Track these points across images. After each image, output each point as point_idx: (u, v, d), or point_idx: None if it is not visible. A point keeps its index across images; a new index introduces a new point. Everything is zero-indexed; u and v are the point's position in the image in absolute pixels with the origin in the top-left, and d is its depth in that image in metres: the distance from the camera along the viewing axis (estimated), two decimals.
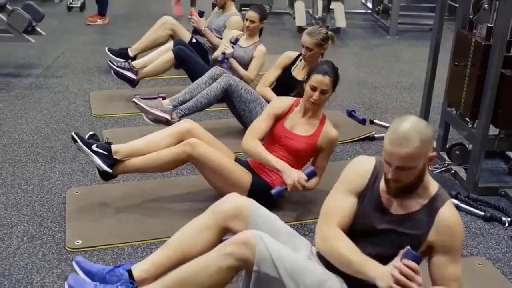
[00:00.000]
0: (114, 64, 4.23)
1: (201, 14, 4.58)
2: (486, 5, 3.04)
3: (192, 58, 4.22)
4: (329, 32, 3.50)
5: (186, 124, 2.85)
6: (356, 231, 1.89)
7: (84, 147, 2.69)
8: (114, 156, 2.71)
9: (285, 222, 2.11)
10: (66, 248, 2.51)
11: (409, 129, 1.71)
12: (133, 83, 4.28)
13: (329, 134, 2.78)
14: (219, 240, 1.99)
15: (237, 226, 1.98)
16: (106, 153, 2.70)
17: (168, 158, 2.71)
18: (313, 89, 2.69)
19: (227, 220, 2.00)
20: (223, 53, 4.03)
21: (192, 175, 3.19)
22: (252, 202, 2.05)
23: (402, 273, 1.66)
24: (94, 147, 2.69)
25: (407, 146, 1.69)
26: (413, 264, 1.68)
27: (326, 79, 2.68)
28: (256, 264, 1.77)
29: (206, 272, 1.81)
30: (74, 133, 2.72)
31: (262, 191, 2.69)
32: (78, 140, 2.69)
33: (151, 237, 2.60)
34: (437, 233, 1.83)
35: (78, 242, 2.54)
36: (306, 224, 2.76)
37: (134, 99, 3.50)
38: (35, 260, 2.42)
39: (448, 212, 1.84)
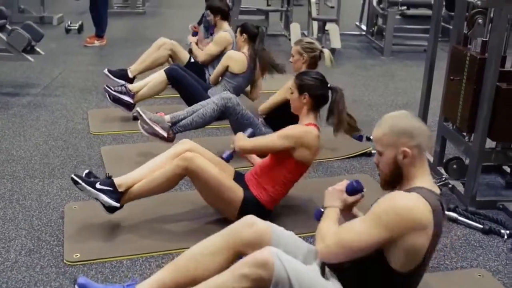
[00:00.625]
0: (111, 89, 4.21)
1: (195, 34, 4.83)
2: (480, 20, 3.10)
3: (185, 78, 4.20)
4: (323, 48, 3.55)
5: (185, 145, 2.84)
6: None
7: (88, 187, 2.64)
8: (119, 190, 2.69)
9: None
10: (65, 261, 2.49)
11: (388, 116, 1.89)
12: (129, 107, 4.27)
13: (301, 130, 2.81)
14: (232, 263, 1.94)
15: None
16: (111, 189, 2.67)
17: (166, 176, 2.69)
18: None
19: (245, 247, 1.95)
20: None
21: (190, 191, 3.19)
22: (271, 226, 2.02)
23: None
24: (98, 186, 2.65)
25: (378, 129, 1.88)
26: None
27: (292, 80, 2.85)
28: (273, 285, 1.74)
29: None
30: (74, 174, 2.67)
31: (253, 207, 2.71)
32: (80, 181, 2.64)
33: (150, 251, 2.59)
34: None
35: (76, 255, 2.53)
36: (305, 238, 2.75)
37: (137, 109, 3.47)
38: (33, 273, 2.40)
39: (396, 192, 1.81)
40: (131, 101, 4.24)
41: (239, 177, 2.90)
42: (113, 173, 2.78)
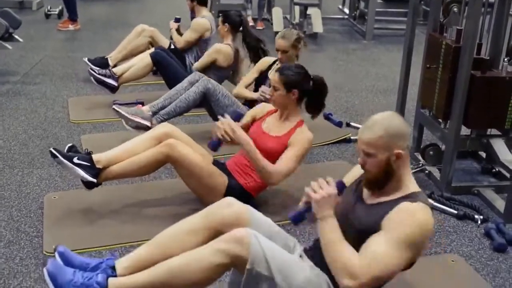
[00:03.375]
0: (95, 72, 4.23)
1: (177, 20, 4.70)
2: (455, 8, 3.13)
3: (170, 62, 4.25)
4: (300, 33, 3.56)
5: (164, 128, 2.88)
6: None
7: (65, 161, 2.66)
8: (97, 166, 2.71)
9: None
10: (44, 252, 2.51)
11: (379, 118, 1.83)
12: (113, 89, 4.29)
13: (301, 134, 2.81)
14: (208, 242, 1.94)
15: None
16: (89, 164, 2.69)
17: (147, 160, 2.73)
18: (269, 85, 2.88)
19: (224, 227, 1.96)
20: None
21: (170, 179, 3.21)
22: (249, 208, 2.04)
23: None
24: (75, 160, 2.67)
25: (371, 131, 1.81)
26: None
27: (276, 76, 2.79)
28: (249, 263, 1.77)
29: (197, 266, 1.81)
30: (53, 148, 2.69)
31: (237, 194, 2.70)
32: (58, 155, 2.66)
33: (130, 240, 2.61)
34: (388, 217, 1.78)
35: (56, 246, 2.54)
36: (284, 225, 2.78)
37: (114, 107, 3.51)
38: (12, 265, 2.42)
39: (410, 205, 1.77)
40: (115, 84, 4.26)
41: (219, 165, 2.92)
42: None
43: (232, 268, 1.90)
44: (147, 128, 3.44)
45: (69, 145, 2.83)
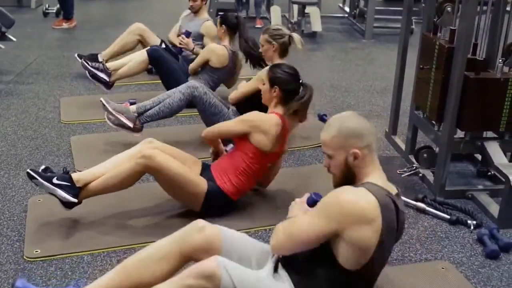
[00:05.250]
0: (88, 64, 4.19)
1: (187, 34, 4.39)
2: (449, 8, 3.05)
3: (166, 58, 4.20)
4: (287, 32, 3.49)
5: (148, 145, 2.79)
6: None
7: (45, 183, 2.59)
8: (77, 185, 2.64)
9: (248, 229, 2.07)
10: (24, 257, 2.46)
11: (335, 118, 1.87)
12: (107, 85, 4.25)
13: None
14: (181, 268, 1.92)
15: (206, 258, 1.82)
16: (69, 184, 2.62)
17: (125, 173, 2.64)
18: None
19: (195, 253, 1.92)
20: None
21: (152, 182, 3.14)
22: (221, 231, 1.98)
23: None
24: (55, 180, 2.60)
25: (326, 132, 1.86)
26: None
27: (265, 71, 2.90)
28: None
29: None
30: (30, 169, 2.61)
31: (217, 199, 2.74)
32: (37, 176, 2.59)
33: (111, 245, 2.56)
34: None
35: (36, 251, 2.49)
36: (265, 231, 2.73)
37: (101, 99, 3.46)
38: None
39: (344, 187, 1.82)
40: (107, 79, 4.23)
41: (206, 168, 2.87)
42: (81, 163, 2.73)
43: None
44: (128, 128, 3.39)
45: (43, 167, 2.71)
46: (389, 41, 6.77)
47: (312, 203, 2.02)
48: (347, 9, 8.18)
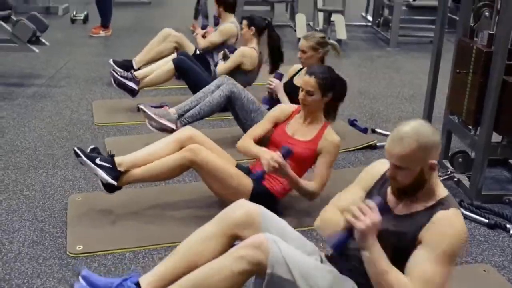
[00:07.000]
0: (117, 73, 4.24)
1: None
2: (487, 13, 3.06)
3: (193, 68, 4.22)
4: (330, 40, 3.54)
5: (186, 131, 2.85)
6: None
7: (88, 161, 2.66)
8: (118, 168, 2.69)
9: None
10: (67, 253, 2.49)
11: (409, 130, 1.71)
12: (133, 93, 4.29)
13: (330, 139, 2.77)
14: (228, 248, 1.94)
15: (248, 234, 1.91)
16: (110, 166, 2.68)
17: (170, 165, 2.70)
18: (301, 89, 2.76)
19: (237, 229, 1.96)
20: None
21: (194, 182, 3.18)
22: (261, 208, 2.01)
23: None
24: (97, 161, 2.67)
25: (403, 146, 1.70)
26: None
27: (311, 80, 2.72)
28: (269, 267, 1.74)
29: (219, 276, 1.78)
30: (76, 147, 2.70)
31: (263, 197, 2.69)
32: (81, 154, 2.66)
33: (153, 243, 2.59)
34: (427, 230, 1.72)
35: (79, 247, 2.53)
36: (309, 231, 2.74)
37: (140, 106, 3.49)
38: (36, 265, 2.40)
39: (446, 214, 1.73)
40: (136, 87, 4.26)
41: (243, 170, 2.88)
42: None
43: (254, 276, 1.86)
44: (171, 131, 3.42)
45: (91, 146, 2.82)
46: (414, 50, 6.78)
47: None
48: (369, 18, 8.21)
